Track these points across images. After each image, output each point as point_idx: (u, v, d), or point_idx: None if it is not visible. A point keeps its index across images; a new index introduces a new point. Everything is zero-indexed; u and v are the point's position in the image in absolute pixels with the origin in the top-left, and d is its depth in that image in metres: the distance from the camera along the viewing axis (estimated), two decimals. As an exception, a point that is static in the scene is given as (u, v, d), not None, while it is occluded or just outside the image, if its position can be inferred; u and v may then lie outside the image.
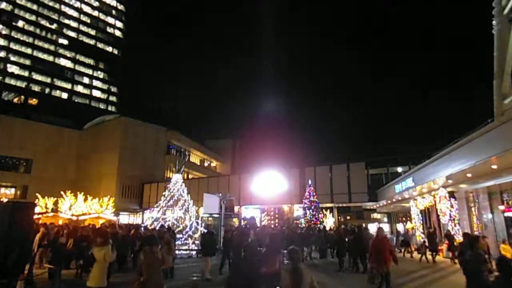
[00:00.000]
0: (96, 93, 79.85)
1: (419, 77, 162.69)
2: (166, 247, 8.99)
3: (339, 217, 37.95)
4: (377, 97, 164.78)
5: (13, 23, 68.75)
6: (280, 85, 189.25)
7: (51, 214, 22.25)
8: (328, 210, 33.31)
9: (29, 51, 70.21)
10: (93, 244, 6.21)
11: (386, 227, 33.32)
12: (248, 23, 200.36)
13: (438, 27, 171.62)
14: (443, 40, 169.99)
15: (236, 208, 28.59)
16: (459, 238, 15.67)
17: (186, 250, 17.92)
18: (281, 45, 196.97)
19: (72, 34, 77.35)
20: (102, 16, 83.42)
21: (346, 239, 13.66)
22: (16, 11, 69.44)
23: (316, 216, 25.21)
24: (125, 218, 42.75)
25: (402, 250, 18.57)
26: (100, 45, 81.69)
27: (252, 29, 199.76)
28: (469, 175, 13.02)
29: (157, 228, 15.88)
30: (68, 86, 75.23)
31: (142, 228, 16.61)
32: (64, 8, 76.90)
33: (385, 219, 42.25)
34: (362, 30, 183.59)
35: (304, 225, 23.82)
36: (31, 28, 71.08)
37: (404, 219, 31.21)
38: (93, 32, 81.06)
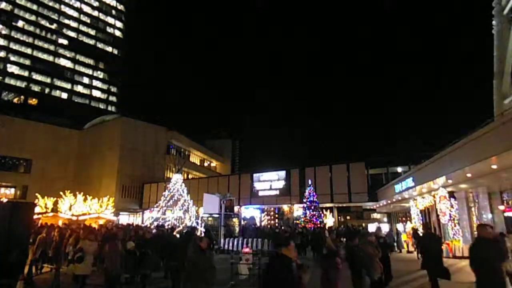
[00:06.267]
0: (96, 93, 79.75)
1: (419, 77, 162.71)
2: None
3: (339, 217, 37.96)
4: (378, 96, 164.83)
5: (13, 23, 68.64)
6: (280, 84, 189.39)
7: (51, 214, 22.23)
8: (328, 210, 33.31)
9: (29, 51, 70.08)
10: (84, 239, 7.85)
11: (386, 227, 33.29)
12: (248, 22, 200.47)
13: (438, 26, 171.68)
14: (443, 39, 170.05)
15: (236, 208, 28.60)
16: (459, 238, 15.70)
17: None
18: (279, 44, 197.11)
19: (72, 34, 77.22)
20: (102, 16, 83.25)
21: None
22: (16, 11, 69.26)
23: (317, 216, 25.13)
24: (125, 218, 42.73)
25: None
26: (100, 45, 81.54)
27: (252, 27, 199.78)
28: (469, 175, 13.02)
29: (156, 228, 15.85)
30: (68, 86, 75.10)
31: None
32: (64, 8, 76.76)
33: (385, 219, 42.21)
34: (365, 29, 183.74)
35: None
36: (31, 28, 70.96)
37: (404, 219, 31.18)
38: (93, 32, 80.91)
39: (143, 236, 10.85)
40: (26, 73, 69.37)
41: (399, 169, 28.57)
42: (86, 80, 78.36)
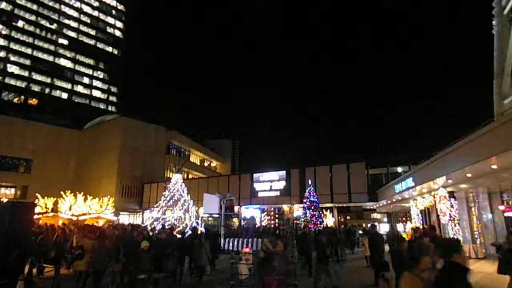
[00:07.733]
0: (96, 93, 79.74)
1: (419, 77, 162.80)
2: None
3: (339, 217, 37.96)
4: (378, 96, 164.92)
5: (13, 23, 68.63)
6: (280, 84, 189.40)
7: (51, 214, 22.23)
8: (328, 210, 33.30)
9: (29, 51, 70.07)
10: (85, 237, 8.42)
11: (386, 227, 33.29)
12: (248, 21, 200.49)
13: (438, 27, 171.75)
14: (443, 39, 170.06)
15: (236, 208, 28.59)
16: (458, 238, 15.68)
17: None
18: (279, 44, 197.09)
19: (72, 34, 77.20)
20: (102, 16, 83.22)
21: None
22: (16, 11, 69.26)
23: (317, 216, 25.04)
24: (125, 218, 42.73)
25: None
26: (100, 45, 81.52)
27: (251, 27, 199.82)
28: (469, 175, 12.99)
29: (158, 228, 15.85)
30: (68, 86, 75.09)
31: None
32: (64, 8, 76.74)
33: (385, 219, 42.21)
34: (366, 28, 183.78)
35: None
36: (31, 28, 70.95)
37: (404, 219, 31.18)
38: (93, 32, 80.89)
39: (158, 237, 10.87)
40: (26, 73, 69.36)
41: (399, 169, 28.54)
42: (86, 80, 78.36)
